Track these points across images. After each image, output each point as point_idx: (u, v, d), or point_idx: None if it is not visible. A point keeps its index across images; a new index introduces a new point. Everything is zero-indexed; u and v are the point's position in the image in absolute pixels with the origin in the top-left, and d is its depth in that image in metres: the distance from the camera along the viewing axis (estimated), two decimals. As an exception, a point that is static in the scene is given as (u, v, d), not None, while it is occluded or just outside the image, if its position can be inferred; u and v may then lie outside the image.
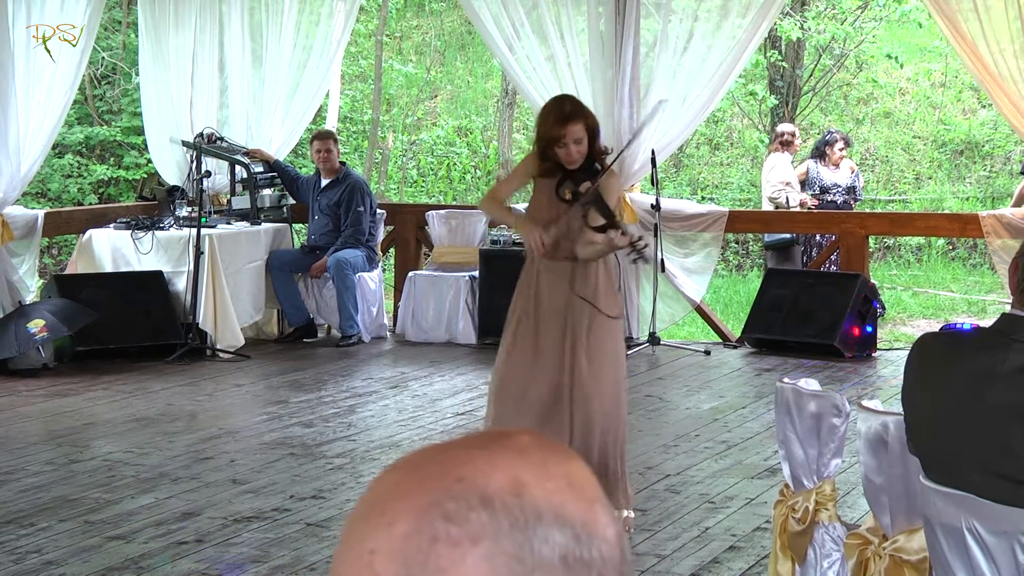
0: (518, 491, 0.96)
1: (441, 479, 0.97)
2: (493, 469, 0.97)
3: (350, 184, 10.63)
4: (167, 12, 10.99)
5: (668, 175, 18.68)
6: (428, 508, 0.96)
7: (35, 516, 5.95)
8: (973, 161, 19.39)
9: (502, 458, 0.98)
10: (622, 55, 10.36)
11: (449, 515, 0.95)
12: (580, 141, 5.61)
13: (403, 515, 0.96)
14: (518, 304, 5.83)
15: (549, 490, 0.97)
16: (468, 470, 0.97)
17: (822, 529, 3.99)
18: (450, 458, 0.99)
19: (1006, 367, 3.11)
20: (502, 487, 0.96)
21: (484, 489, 0.96)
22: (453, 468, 0.98)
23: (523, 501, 0.96)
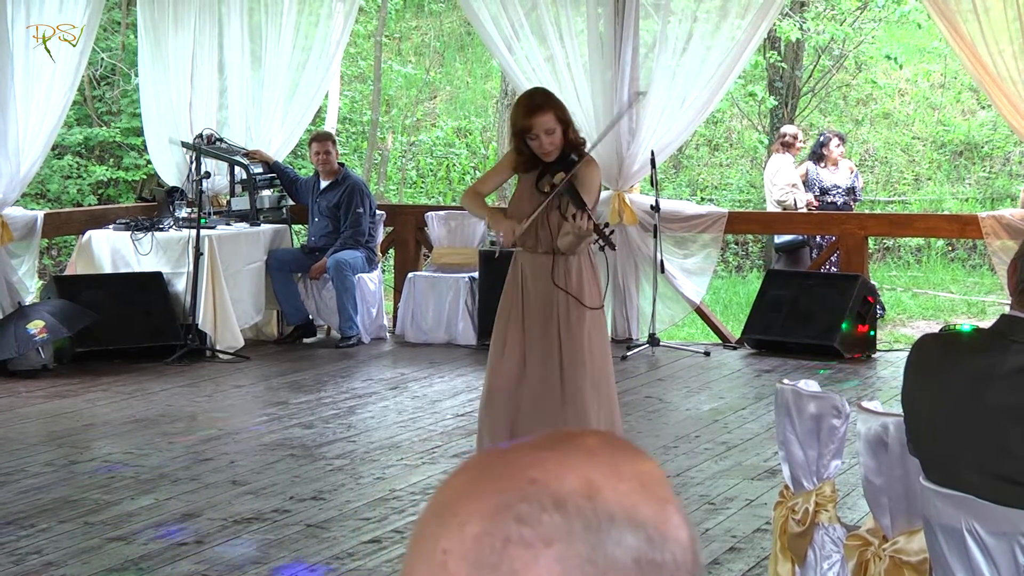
0: (591, 493, 0.97)
1: (513, 480, 0.97)
2: (565, 471, 0.98)
3: (349, 185, 10.63)
4: (166, 13, 10.99)
5: (667, 176, 18.68)
6: (501, 509, 0.96)
7: (35, 517, 5.95)
8: (972, 162, 19.39)
9: (573, 459, 0.99)
10: (621, 56, 10.37)
11: (522, 517, 0.95)
12: (552, 132, 5.61)
13: (476, 515, 0.96)
14: (505, 304, 5.84)
15: (622, 492, 0.97)
16: (540, 472, 0.97)
17: (822, 530, 3.99)
18: (520, 459, 0.99)
19: (1005, 368, 3.11)
20: (575, 489, 0.96)
21: (557, 491, 0.96)
22: (524, 470, 0.98)
23: (596, 503, 0.96)
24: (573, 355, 5.69)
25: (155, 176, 11.58)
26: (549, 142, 5.62)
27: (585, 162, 5.66)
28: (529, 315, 5.74)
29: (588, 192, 5.63)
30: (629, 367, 9.69)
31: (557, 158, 5.65)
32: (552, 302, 5.71)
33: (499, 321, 5.88)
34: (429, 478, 6.68)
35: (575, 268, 5.73)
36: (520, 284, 5.79)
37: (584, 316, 5.72)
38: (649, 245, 10.27)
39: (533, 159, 5.71)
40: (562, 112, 5.70)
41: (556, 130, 5.62)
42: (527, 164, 5.74)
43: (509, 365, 5.76)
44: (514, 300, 5.81)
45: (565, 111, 5.75)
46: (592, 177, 5.73)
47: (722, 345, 10.62)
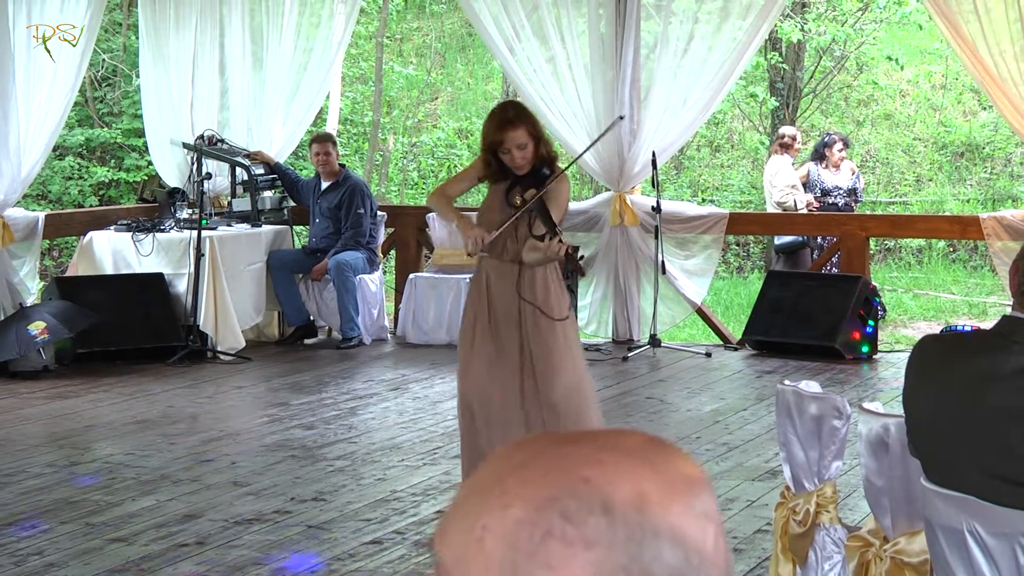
0: (641, 505, 0.96)
1: (566, 475, 0.97)
2: (621, 477, 0.97)
3: (350, 186, 10.63)
4: (168, 14, 10.99)
5: (669, 177, 18.69)
6: (548, 502, 0.96)
7: (36, 518, 5.95)
8: (974, 163, 19.39)
9: (631, 467, 0.98)
10: (622, 57, 10.37)
11: (568, 514, 0.95)
12: (524, 147, 5.57)
13: (522, 501, 0.96)
14: (470, 312, 5.79)
15: (672, 511, 0.97)
16: (595, 472, 0.97)
17: (823, 531, 3.99)
18: (579, 455, 0.99)
19: (1007, 369, 3.11)
20: (626, 498, 0.96)
21: (608, 496, 0.96)
22: (581, 467, 0.98)
23: (644, 517, 0.96)
24: (543, 364, 5.65)
25: (156, 177, 11.59)
26: (521, 156, 5.57)
27: (560, 179, 5.63)
28: (498, 323, 5.69)
29: (557, 208, 5.56)
30: (630, 368, 9.69)
31: (528, 171, 5.62)
32: (518, 311, 5.67)
33: (464, 327, 5.80)
34: (430, 479, 6.68)
35: (540, 279, 5.67)
36: (485, 289, 5.74)
37: (550, 326, 5.67)
38: (650, 246, 10.27)
39: (503, 170, 5.66)
40: (534, 127, 5.66)
41: (528, 145, 5.58)
42: (496, 175, 5.69)
43: (478, 371, 5.70)
44: (480, 306, 5.75)
45: (537, 126, 5.71)
46: (562, 194, 5.66)
47: (723, 346, 10.62)
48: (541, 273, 5.68)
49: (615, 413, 8.22)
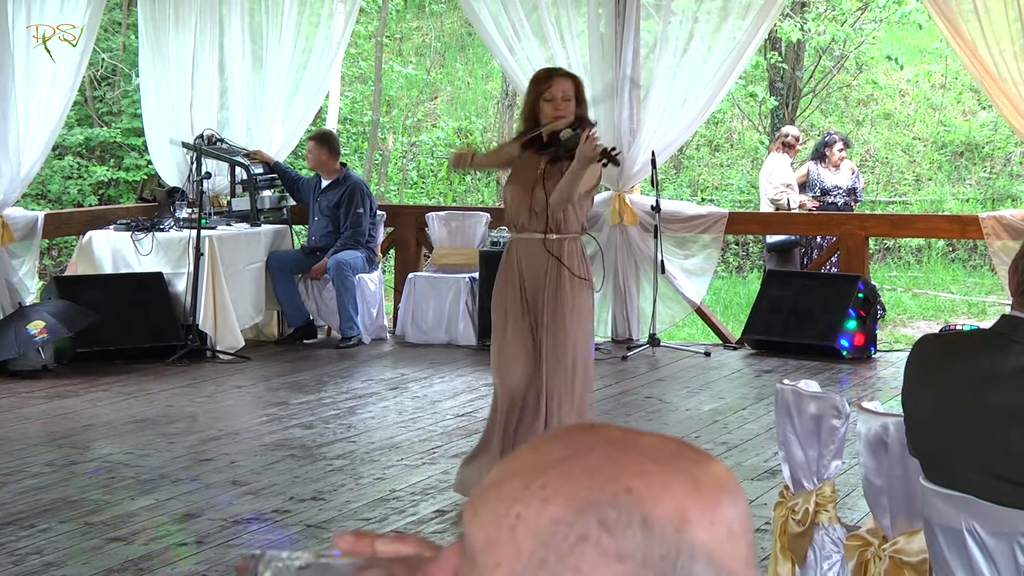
0: (681, 526, 0.95)
1: (611, 481, 0.96)
2: (665, 493, 0.96)
3: (350, 185, 10.63)
4: (167, 13, 10.99)
5: (668, 176, 18.69)
6: (589, 506, 0.94)
7: (35, 518, 5.95)
8: (973, 163, 19.39)
9: (677, 485, 0.97)
10: (622, 56, 10.37)
11: (607, 522, 0.94)
12: (568, 99, 5.65)
13: (562, 499, 0.95)
14: (500, 293, 5.86)
15: (709, 535, 0.96)
16: (640, 483, 0.96)
17: (822, 531, 3.99)
18: (626, 462, 0.97)
19: (1006, 369, 3.11)
20: (667, 515, 0.95)
21: (649, 511, 0.95)
22: (626, 475, 0.96)
23: (681, 537, 0.95)
24: (555, 339, 5.71)
25: (156, 176, 11.59)
26: (565, 108, 5.64)
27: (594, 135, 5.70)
28: (522, 300, 5.76)
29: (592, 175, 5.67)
30: (629, 367, 9.69)
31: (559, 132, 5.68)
32: (542, 286, 5.73)
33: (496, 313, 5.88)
34: (429, 478, 6.68)
35: (567, 244, 5.75)
36: (516, 269, 5.82)
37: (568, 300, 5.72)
38: (650, 245, 10.27)
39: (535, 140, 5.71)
40: (581, 89, 5.77)
41: (572, 99, 5.65)
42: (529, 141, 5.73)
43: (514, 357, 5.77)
44: (511, 287, 5.81)
45: (583, 88, 5.82)
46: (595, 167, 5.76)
47: (722, 345, 10.62)
48: (570, 242, 5.74)
49: (615, 412, 8.22)
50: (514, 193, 5.79)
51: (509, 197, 5.84)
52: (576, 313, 5.75)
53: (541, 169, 5.70)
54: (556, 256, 5.71)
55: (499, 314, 5.88)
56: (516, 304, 5.79)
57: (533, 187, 5.70)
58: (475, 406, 8.39)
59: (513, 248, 5.86)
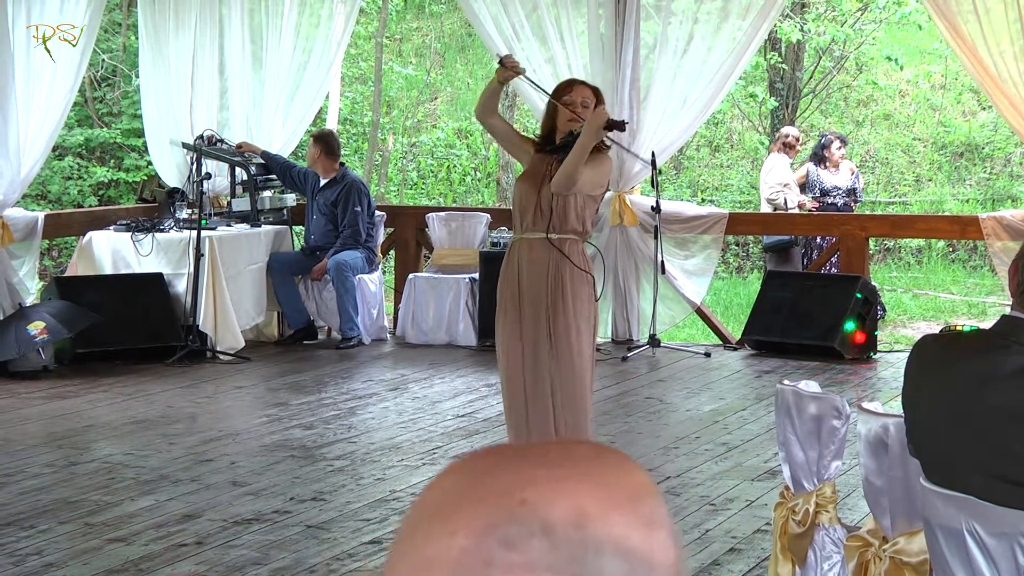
0: (581, 522, 0.94)
1: (504, 498, 0.95)
2: (557, 495, 0.95)
3: (347, 184, 10.63)
4: (167, 14, 10.99)
5: (668, 177, 18.69)
6: (488, 528, 0.94)
7: (35, 518, 5.95)
8: (973, 163, 19.39)
9: (568, 483, 0.96)
10: (622, 57, 10.37)
11: (509, 541, 0.93)
12: (587, 105, 5.79)
13: (464, 529, 0.95)
14: (502, 296, 5.87)
15: (613, 522, 0.95)
16: (532, 493, 0.95)
17: (822, 531, 3.99)
18: (514, 475, 0.97)
19: (1006, 369, 3.11)
20: (564, 516, 0.94)
21: (547, 517, 0.94)
22: (517, 488, 0.96)
23: (585, 533, 0.94)
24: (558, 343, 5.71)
25: (156, 177, 11.58)
26: (583, 112, 5.75)
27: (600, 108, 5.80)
28: (524, 299, 5.77)
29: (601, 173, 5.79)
30: (629, 368, 9.69)
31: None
32: (544, 284, 5.74)
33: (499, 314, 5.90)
34: (429, 479, 6.64)
35: (568, 245, 5.77)
36: (516, 271, 5.82)
37: (570, 298, 5.73)
38: (650, 246, 10.27)
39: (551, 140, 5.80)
40: (601, 100, 5.89)
41: (591, 108, 5.76)
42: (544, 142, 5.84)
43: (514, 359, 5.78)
44: (511, 289, 5.82)
45: (602, 97, 5.96)
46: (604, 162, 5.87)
47: (722, 346, 10.62)
48: (571, 242, 5.78)
49: (615, 413, 8.22)
50: (523, 190, 5.84)
51: (518, 194, 5.88)
52: (578, 311, 5.75)
53: (549, 169, 5.73)
54: (557, 248, 5.73)
55: (499, 314, 5.89)
56: (514, 304, 5.80)
57: (541, 184, 5.74)
58: (475, 407, 8.40)
59: (515, 249, 5.87)
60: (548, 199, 5.73)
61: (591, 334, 5.88)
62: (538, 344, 5.73)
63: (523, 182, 5.88)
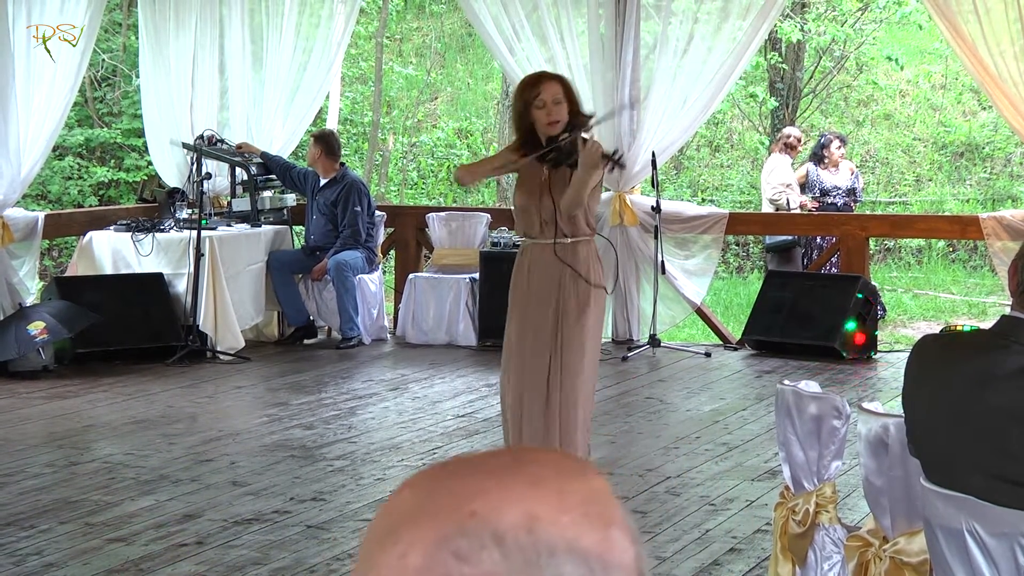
0: (531, 527, 0.95)
1: (454, 512, 0.95)
2: (506, 503, 0.96)
3: (347, 184, 10.63)
4: (167, 14, 10.99)
5: (668, 177, 18.69)
6: (440, 543, 0.94)
7: (35, 518, 5.95)
8: (973, 163, 19.39)
9: (516, 490, 0.97)
10: (622, 57, 10.36)
11: (461, 553, 0.94)
12: (559, 102, 5.58)
13: (416, 546, 0.95)
14: (515, 298, 5.84)
15: (564, 524, 0.95)
16: (481, 503, 0.96)
17: (822, 531, 3.99)
18: (463, 487, 0.97)
19: (1006, 369, 3.11)
20: (515, 523, 0.95)
21: (496, 526, 0.94)
22: (466, 500, 0.96)
23: (536, 537, 0.94)
24: (568, 346, 5.69)
25: (156, 177, 11.59)
26: (556, 111, 5.57)
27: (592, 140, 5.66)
28: (535, 307, 5.74)
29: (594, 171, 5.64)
30: (630, 368, 9.69)
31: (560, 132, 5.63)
32: (556, 290, 5.71)
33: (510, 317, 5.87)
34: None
35: (581, 249, 5.73)
36: (527, 278, 5.79)
37: (581, 304, 5.70)
38: (650, 246, 10.27)
39: (532, 139, 5.68)
40: (569, 89, 5.70)
41: (563, 102, 5.60)
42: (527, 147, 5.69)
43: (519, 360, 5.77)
44: (521, 292, 5.80)
45: (572, 88, 5.75)
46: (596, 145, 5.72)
47: (723, 346, 10.61)
48: (584, 246, 5.72)
49: (615, 413, 8.22)
50: (521, 202, 5.78)
51: (519, 204, 5.82)
52: (589, 320, 5.74)
53: (545, 177, 5.66)
54: (570, 265, 5.68)
55: (510, 318, 5.86)
56: (525, 310, 5.77)
57: (540, 195, 5.66)
58: (475, 407, 8.39)
59: (527, 253, 5.84)
60: (549, 209, 5.67)
61: (599, 339, 5.88)
62: (544, 346, 5.70)
63: (521, 193, 5.80)
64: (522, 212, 5.78)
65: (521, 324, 5.78)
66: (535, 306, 5.74)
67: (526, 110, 5.63)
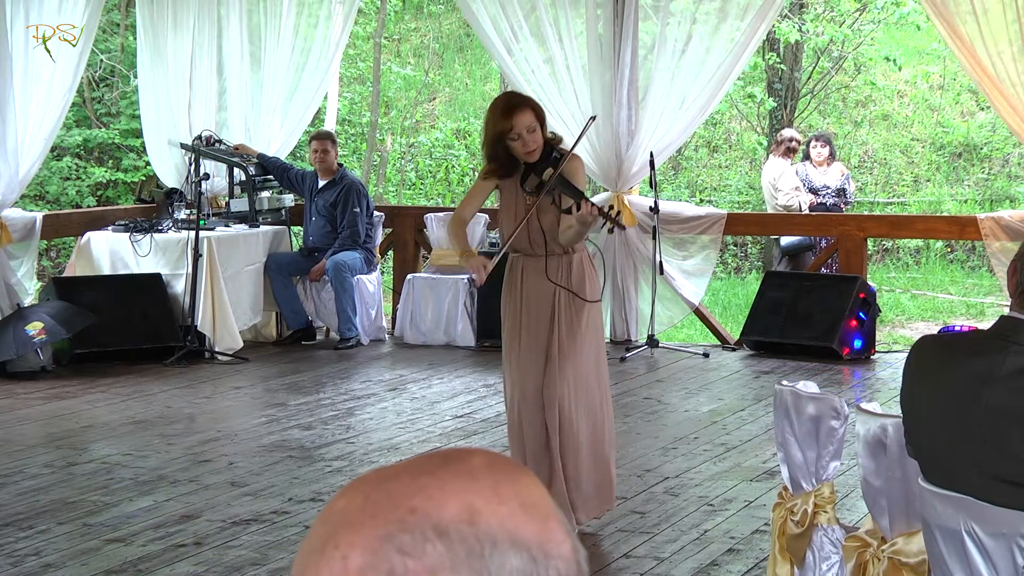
0: (472, 519, 0.96)
1: (393, 510, 0.96)
2: (445, 497, 0.97)
3: (346, 185, 10.63)
4: (165, 15, 10.99)
5: (666, 177, 18.69)
6: (382, 541, 0.95)
7: (34, 519, 5.95)
8: (971, 163, 19.39)
9: (453, 485, 0.98)
10: (620, 57, 10.36)
11: (404, 548, 0.94)
12: (533, 130, 5.53)
13: (357, 548, 0.95)
14: (507, 310, 5.80)
15: (502, 515, 0.97)
16: (420, 500, 0.97)
17: (821, 532, 4.00)
18: (400, 487, 0.98)
19: (1004, 370, 3.11)
20: (455, 516, 0.96)
21: (438, 519, 0.95)
22: (404, 498, 0.97)
23: (478, 528, 0.95)
24: (569, 355, 5.67)
25: (154, 178, 11.59)
26: (532, 140, 5.52)
27: (570, 157, 5.60)
28: (530, 316, 5.70)
29: (579, 183, 5.58)
30: (628, 368, 9.69)
31: (540, 157, 5.60)
32: (550, 302, 5.67)
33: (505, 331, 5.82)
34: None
35: (575, 264, 5.69)
36: (519, 288, 5.74)
37: (582, 317, 5.68)
38: (648, 247, 10.27)
39: (508, 164, 5.63)
40: (538, 110, 5.64)
41: (537, 128, 5.55)
42: (506, 169, 5.64)
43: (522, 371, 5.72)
44: (515, 305, 5.76)
45: (541, 110, 5.69)
46: (579, 171, 5.65)
47: (721, 346, 10.61)
48: (575, 259, 5.67)
49: (614, 414, 8.21)
50: (507, 222, 5.70)
51: (503, 226, 5.75)
52: (588, 328, 5.71)
53: (531, 203, 5.59)
54: (564, 286, 5.62)
55: (505, 328, 5.82)
56: (517, 319, 5.73)
57: (527, 219, 5.60)
58: (474, 407, 8.39)
59: (516, 267, 5.76)
60: (537, 231, 5.62)
61: (602, 347, 5.86)
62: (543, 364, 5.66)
63: (506, 214, 5.72)
64: (507, 234, 5.68)
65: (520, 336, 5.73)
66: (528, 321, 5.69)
67: (502, 142, 5.55)
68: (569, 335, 5.65)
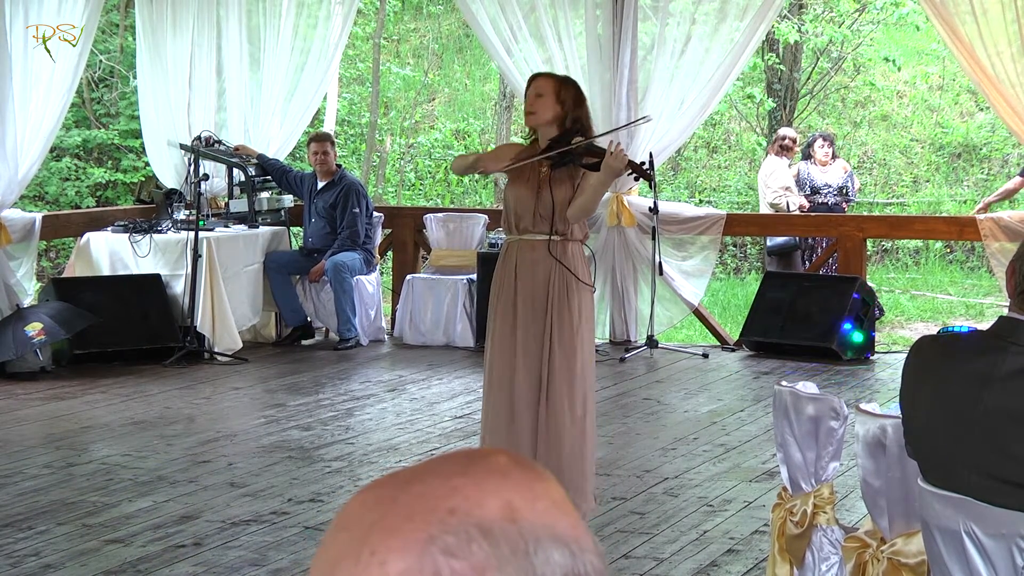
0: (513, 516, 0.95)
1: (431, 512, 0.95)
2: (483, 496, 0.96)
3: (346, 186, 10.63)
4: (164, 15, 10.98)
5: (666, 178, 18.69)
6: (425, 544, 0.94)
7: (33, 519, 5.95)
8: (971, 164, 19.40)
9: (489, 484, 0.97)
10: (620, 58, 10.37)
11: (450, 549, 0.93)
12: (541, 95, 5.56)
13: (397, 552, 0.94)
14: (499, 295, 5.74)
15: (540, 511, 0.96)
16: (458, 500, 0.96)
17: (820, 532, 4.00)
18: (431, 489, 0.97)
19: (1003, 370, 3.11)
20: (497, 514, 0.95)
21: (480, 518, 0.95)
22: (440, 499, 0.96)
23: (520, 526, 0.95)
24: (561, 344, 5.64)
25: (153, 178, 11.59)
26: (537, 103, 5.55)
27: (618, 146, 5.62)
28: (521, 304, 5.66)
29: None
30: (627, 369, 9.69)
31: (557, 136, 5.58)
32: (544, 291, 5.64)
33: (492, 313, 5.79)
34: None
35: (570, 249, 5.68)
36: (513, 272, 5.70)
37: (575, 308, 5.65)
38: (647, 247, 10.27)
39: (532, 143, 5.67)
40: (561, 87, 5.64)
41: (547, 95, 5.56)
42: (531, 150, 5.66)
43: (505, 357, 5.68)
44: (506, 290, 5.71)
45: (572, 89, 5.66)
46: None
47: (720, 347, 10.61)
48: (572, 247, 5.67)
49: (613, 414, 8.22)
50: (517, 195, 5.66)
51: (511, 199, 5.71)
52: (583, 318, 5.70)
53: (546, 173, 5.60)
54: (560, 261, 5.62)
55: (493, 318, 5.79)
56: (509, 309, 5.70)
57: (539, 190, 5.60)
58: (473, 408, 8.39)
59: (512, 250, 5.72)
60: (547, 205, 5.60)
61: (593, 339, 5.85)
62: (536, 351, 5.64)
63: (515, 187, 5.69)
64: (516, 206, 5.68)
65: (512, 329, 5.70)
66: (526, 308, 5.67)
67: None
68: (560, 325, 5.62)
